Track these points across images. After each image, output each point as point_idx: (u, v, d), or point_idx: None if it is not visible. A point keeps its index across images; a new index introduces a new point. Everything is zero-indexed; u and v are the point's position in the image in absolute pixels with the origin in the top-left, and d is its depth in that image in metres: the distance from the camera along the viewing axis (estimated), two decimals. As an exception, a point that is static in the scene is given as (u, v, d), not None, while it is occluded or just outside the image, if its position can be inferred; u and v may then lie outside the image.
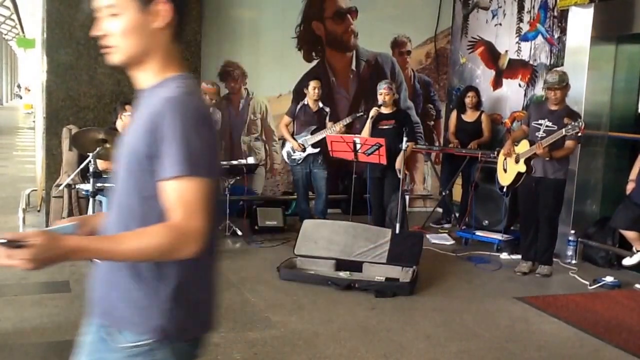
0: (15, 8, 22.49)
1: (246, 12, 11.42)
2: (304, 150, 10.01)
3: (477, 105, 10.97)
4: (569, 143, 7.97)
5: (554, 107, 8.23)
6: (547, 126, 8.14)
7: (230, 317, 6.33)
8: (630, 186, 8.13)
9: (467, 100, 10.92)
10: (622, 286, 8.13)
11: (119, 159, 2.54)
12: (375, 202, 9.68)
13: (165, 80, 2.52)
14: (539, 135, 8.14)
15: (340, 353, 5.64)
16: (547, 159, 8.04)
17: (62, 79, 9.79)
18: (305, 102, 10.18)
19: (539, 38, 10.61)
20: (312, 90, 10.00)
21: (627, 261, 8.29)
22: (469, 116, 10.98)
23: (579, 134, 7.82)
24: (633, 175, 8.13)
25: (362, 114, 10.32)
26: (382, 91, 9.51)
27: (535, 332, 6.45)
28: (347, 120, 10.10)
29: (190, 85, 2.50)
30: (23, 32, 28.03)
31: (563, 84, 8.13)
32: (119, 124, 9.06)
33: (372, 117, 9.38)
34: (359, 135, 9.24)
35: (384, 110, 9.52)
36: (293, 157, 10.16)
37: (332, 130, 9.76)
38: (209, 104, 9.84)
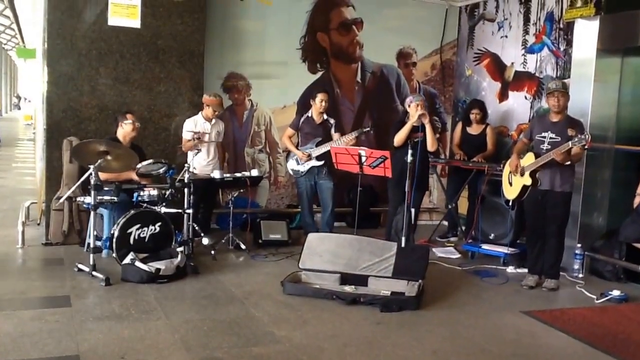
0: (15, 17, 22.43)
1: (250, 23, 11.34)
2: (309, 158, 9.93)
3: (483, 119, 10.89)
4: (576, 150, 7.87)
5: (555, 119, 8.23)
6: (550, 138, 8.12)
7: (233, 332, 6.25)
8: (637, 200, 8.04)
9: (472, 116, 10.89)
10: (630, 300, 8.04)
11: None
12: (394, 212, 9.55)
13: None
14: (544, 148, 8.13)
15: (346, 368, 5.56)
16: (568, 163, 7.99)
17: (63, 90, 9.73)
18: (309, 114, 10.13)
19: (545, 50, 10.58)
20: (320, 102, 9.94)
21: None
22: (474, 129, 10.94)
23: (586, 147, 7.74)
24: None
25: (368, 129, 10.28)
26: (419, 102, 9.37)
27: (542, 347, 6.37)
28: (354, 134, 10.01)
29: None
30: (23, 42, 28.00)
31: (565, 91, 8.12)
32: (120, 133, 9.02)
33: (415, 121, 9.20)
34: (364, 148, 9.12)
35: (413, 122, 9.33)
36: (297, 169, 10.08)
37: (338, 144, 9.69)
38: (211, 115, 9.77)
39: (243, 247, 9.57)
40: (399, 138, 9.34)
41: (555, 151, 7.83)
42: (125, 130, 9.02)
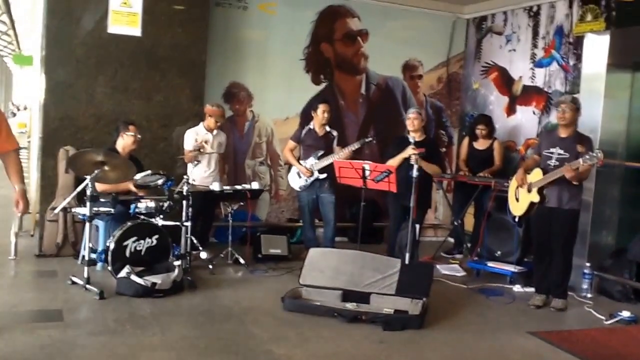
0: (12, 23, 22.34)
1: (253, 32, 11.24)
2: (311, 174, 9.76)
3: (489, 134, 10.72)
4: (584, 167, 7.67)
5: (564, 134, 8.07)
6: (559, 154, 7.97)
7: (231, 350, 6.10)
8: None
9: (478, 132, 10.76)
10: (640, 321, 7.90)
11: None
12: (396, 229, 9.42)
13: None
14: (552, 164, 7.98)
15: (347, 389, 5.41)
16: (576, 183, 7.81)
17: (60, 98, 9.60)
18: (312, 127, 9.99)
19: (554, 64, 10.52)
20: (322, 114, 9.79)
21: None
22: (481, 144, 10.81)
23: (598, 165, 7.59)
24: None
25: (370, 139, 10.10)
26: (411, 116, 9.39)
27: None
28: (356, 145, 9.85)
29: None
30: (19, 49, 27.91)
31: (573, 105, 7.96)
32: (119, 143, 8.90)
33: (407, 157, 9.03)
34: (368, 162, 8.97)
35: (415, 137, 9.27)
36: (299, 183, 9.92)
37: (340, 156, 9.52)
38: (213, 126, 9.62)
39: (242, 261, 9.41)
40: (392, 164, 9.22)
41: (565, 168, 7.64)
42: (126, 141, 8.90)
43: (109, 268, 7.92)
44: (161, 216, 8.39)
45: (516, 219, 8.97)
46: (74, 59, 9.62)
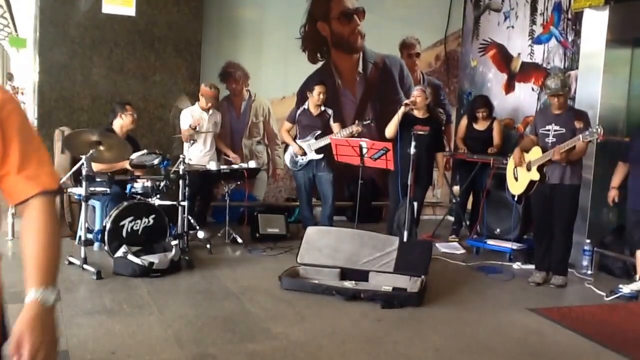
0: (8, 6, 22.22)
1: (249, 11, 11.22)
2: (304, 154, 9.71)
3: (489, 115, 10.64)
4: (580, 145, 7.66)
5: (558, 111, 8.03)
6: (555, 130, 7.94)
7: (228, 328, 6.07)
8: (613, 193, 8.00)
9: (479, 114, 10.60)
10: (640, 298, 7.87)
11: None
12: (396, 208, 9.37)
13: None
14: (550, 141, 7.94)
15: (345, 367, 5.39)
16: (564, 164, 7.75)
17: (55, 79, 9.61)
18: (306, 107, 9.94)
19: (553, 41, 10.43)
20: (317, 95, 9.74)
21: (626, 288, 7.93)
22: (481, 125, 10.67)
23: (598, 140, 7.55)
24: (615, 182, 8.06)
25: (369, 121, 10.01)
26: (415, 93, 9.43)
27: (550, 345, 6.20)
28: (354, 127, 9.74)
29: None
30: (16, 31, 27.75)
31: (565, 89, 7.93)
32: (117, 124, 8.88)
33: (404, 109, 9.09)
34: (365, 139, 8.91)
35: (418, 115, 9.34)
36: (296, 162, 9.88)
37: (339, 136, 9.45)
38: (205, 106, 9.57)
39: (240, 241, 9.40)
40: (389, 130, 9.25)
41: (555, 150, 7.66)
42: (124, 121, 8.88)
43: (106, 248, 7.90)
44: (158, 196, 8.36)
45: (515, 197, 8.94)
46: (68, 39, 9.62)
